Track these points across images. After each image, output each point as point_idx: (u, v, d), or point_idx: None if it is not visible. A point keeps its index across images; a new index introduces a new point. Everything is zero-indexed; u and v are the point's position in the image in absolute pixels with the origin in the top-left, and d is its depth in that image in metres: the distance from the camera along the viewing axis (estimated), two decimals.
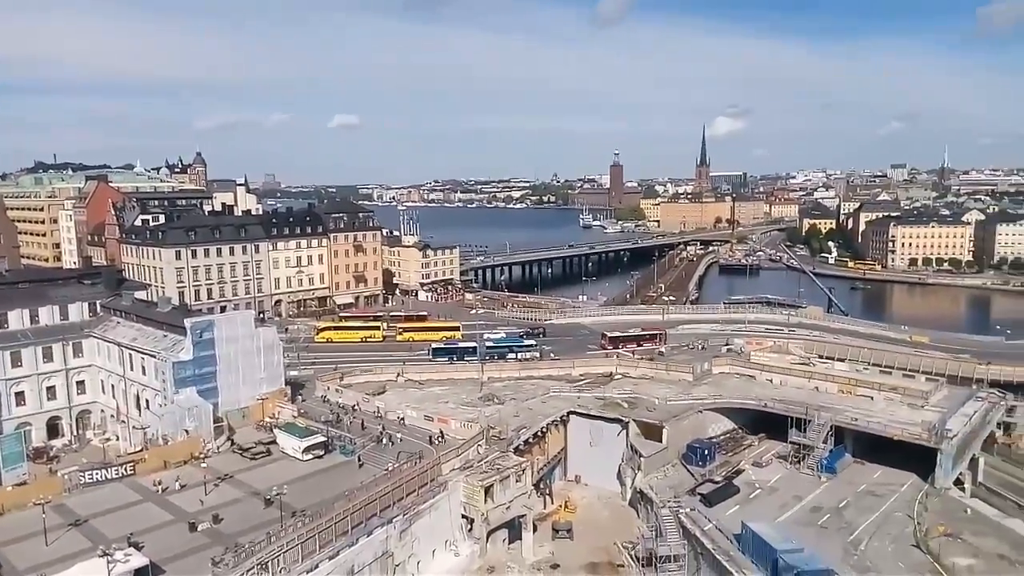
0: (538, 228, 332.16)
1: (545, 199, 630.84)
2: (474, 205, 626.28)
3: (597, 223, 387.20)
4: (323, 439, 55.18)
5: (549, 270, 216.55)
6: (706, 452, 59.33)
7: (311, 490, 47.22)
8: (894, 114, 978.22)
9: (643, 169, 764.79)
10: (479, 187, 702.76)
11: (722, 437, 64.49)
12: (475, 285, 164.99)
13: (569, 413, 65.49)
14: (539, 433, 61.25)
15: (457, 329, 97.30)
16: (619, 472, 61.78)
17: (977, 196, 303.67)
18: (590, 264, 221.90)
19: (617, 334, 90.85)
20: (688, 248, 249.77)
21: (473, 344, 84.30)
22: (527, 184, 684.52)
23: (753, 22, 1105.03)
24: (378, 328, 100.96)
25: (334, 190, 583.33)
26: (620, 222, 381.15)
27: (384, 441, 56.90)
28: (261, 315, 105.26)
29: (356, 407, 64.96)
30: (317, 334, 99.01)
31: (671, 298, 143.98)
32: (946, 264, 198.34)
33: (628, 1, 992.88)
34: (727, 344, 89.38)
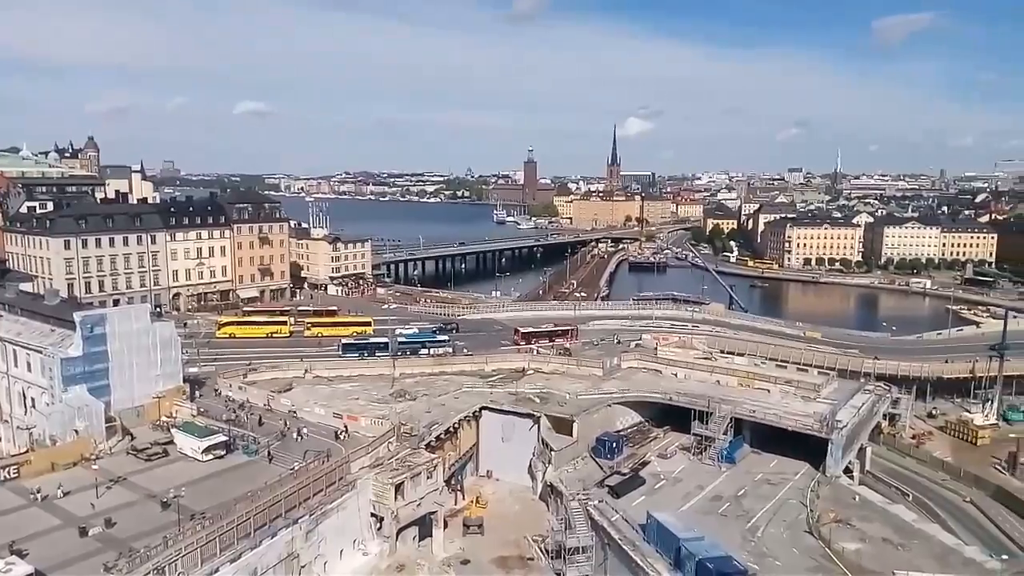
0: (452, 223, 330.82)
1: (459, 194, 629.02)
2: (386, 198, 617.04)
3: (511, 219, 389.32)
4: (224, 439, 53.02)
5: (463, 265, 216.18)
6: (614, 445, 60.58)
7: (212, 492, 45.28)
8: (792, 120, 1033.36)
9: (556, 166, 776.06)
10: (392, 180, 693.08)
11: (630, 430, 66.05)
12: (387, 280, 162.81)
13: (481, 409, 65.53)
14: (451, 429, 61.02)
15: (368, 324, 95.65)
16: (530, 466, 62.34)
17: (866, 200, 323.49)
18: (503, 260, 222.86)
19: (530, 330, 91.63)
20: (599, 245, 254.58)
21: (385, 339, 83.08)
22: (441, 178, 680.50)
23: (664, 27, 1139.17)
24: (285, 323, 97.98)
25: (238, 179, 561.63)
26: (533, 218, 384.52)
27: (295, 436, 55.42)
28: (158, 309, 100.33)
29: (250, 404, 62.76)
30: (219, 329, 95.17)
31: (583, 294, 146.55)
32: (837, 264, 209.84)
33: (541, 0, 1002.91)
34: (635, 340, 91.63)
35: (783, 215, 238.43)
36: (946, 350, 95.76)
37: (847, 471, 60.75)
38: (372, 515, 48.95)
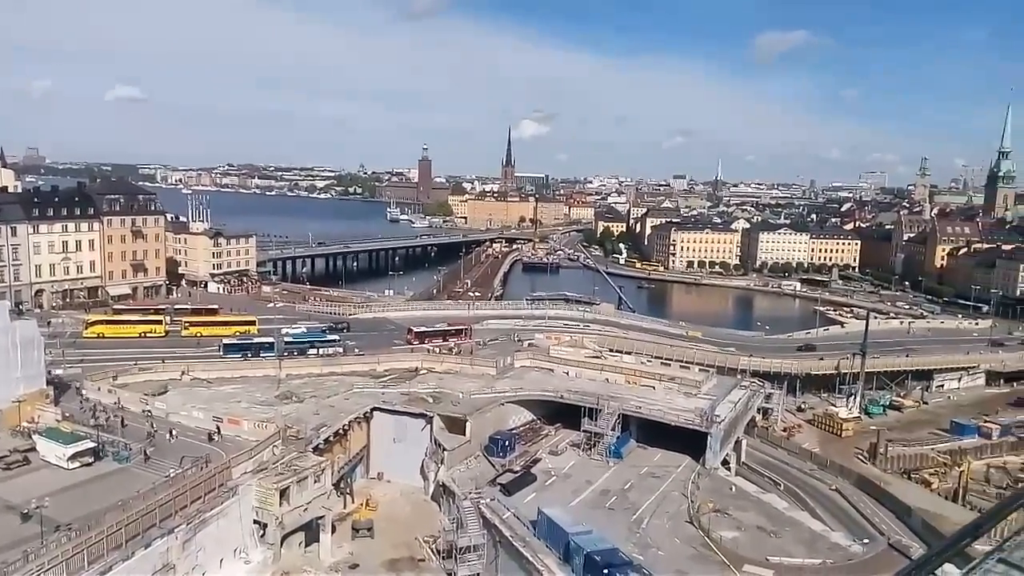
0: (343, 220, 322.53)
1: (351, 190, 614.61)
2: (273, 193, 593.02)
3: (405, 217, 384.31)
4: (92, 445, 49.35)
5: (355, 263, 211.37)
6: (507, 443, 60.93)
7: (79, 501, 42.03)
8: (677, 129, 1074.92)
9: (451, 165, 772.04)
10: (279, 174, 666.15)
11: (522, 428, 66.62)
12: (273, 277, 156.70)
13: (373, 409, 64.22)
14: (341, 431, 59.41)
15: (253, 323, 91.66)
16: (423, 467, 61.67)
17: (744, 207, 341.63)
18: (397, 258, 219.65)
19: (423, 329, 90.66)
20: (494, 245, 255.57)
21: (270, 339, 79.90)
22: (332, 174, 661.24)
23: (559, 33, 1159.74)
24: (160, 322, 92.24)
25: (109, 169, 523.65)
26: (428, 217, 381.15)
27: (167, 438, 52.47)
28: (18, 307, 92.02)
29: (116, 407, 58.82)
30: (86, 328, 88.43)
31: (477, 294, 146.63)
32: (717, 267, 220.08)
33: None
34: (529, 339, 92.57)
35: (668, 219, 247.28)
36: (815, 348, 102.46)
37: (725, 463, 63.81)
38: (255, 522, 46.93)
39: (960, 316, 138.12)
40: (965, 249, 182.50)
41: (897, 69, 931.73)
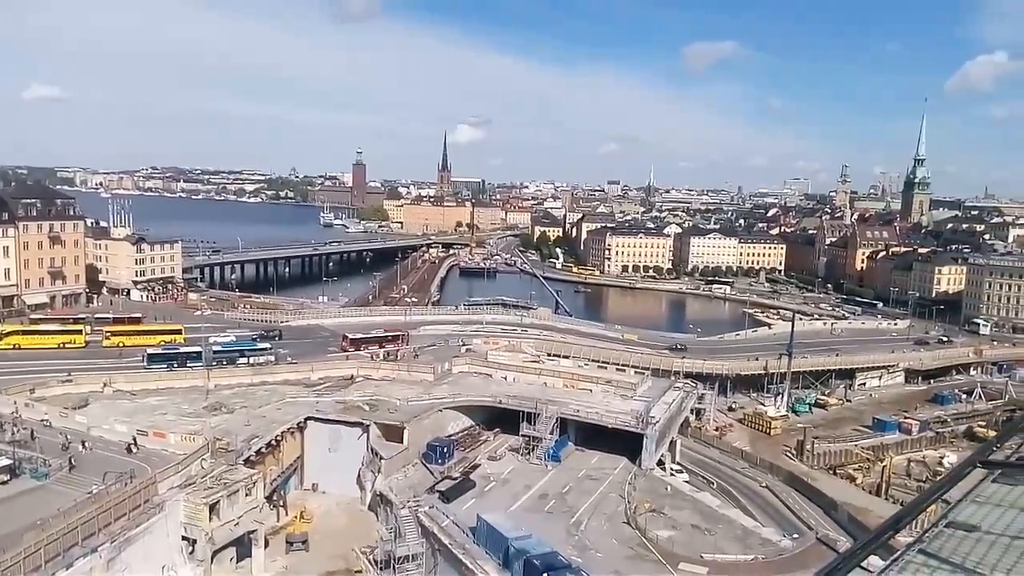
0: (275, 224, 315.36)
1: (282, 194, 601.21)
2: (200, 197, 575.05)
3: (339, 222, 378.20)
4: (8, 462, 46.68)
5: (287, 269, 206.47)
6: (445, 450, 60.51)
7: None
8: (611, 136, 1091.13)
9: (386, 170, 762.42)
10: (206, 177, 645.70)
11: (461, 434, 66.28)
12: (201, 284, 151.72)
13: (307, 419, 62.75)
14: (273, 442, 57.85)
15: (179, 332, 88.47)
16: (359, 476, 60.59)
17: (676, 212, 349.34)
18: (331, 264, 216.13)
19: (359, 335, 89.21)
20: (430, 250, 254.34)
21: (197, 348, 77.17)
22: (262, 177, 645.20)
23: (494, 39, 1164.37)
24: (80, 332, 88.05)
25: (25, 172, 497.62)
26: (363, 222, 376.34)
27: (81, 450, 50.31)
28: None
29: (27, 421, 55.93)
30: (1, 340, 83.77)
31: (414, 299, 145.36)
32: (651, 271, 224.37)
33: (374, 0, 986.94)
34: (467, 344, 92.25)
35: (604, 224, 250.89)
36: (744, 349, 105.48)
37: (660, 463, 64.93)
38: (184, 538, 45.17)
39: (879, 317, 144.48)
40: (884, 253, 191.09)
41: (820, 80, 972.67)
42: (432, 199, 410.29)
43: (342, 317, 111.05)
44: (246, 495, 47.89)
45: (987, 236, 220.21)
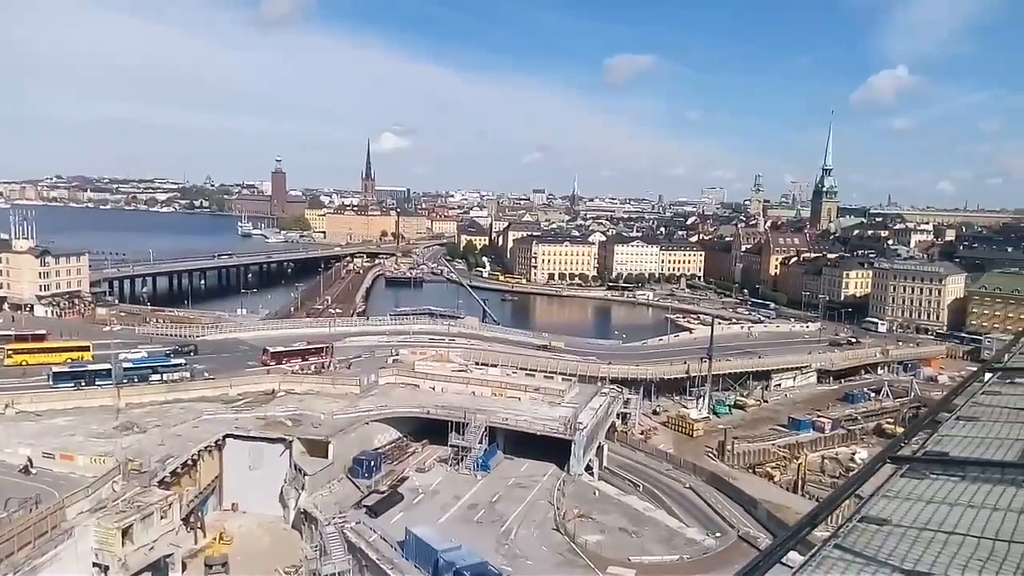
0: (189, 235, 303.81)
1: (197, 204, 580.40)
2: (108, 207, 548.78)
3: (258, 232, 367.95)
4: None
5: (202, 281, 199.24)
6: (372, 463, 59.44)
7: None
8: (536, 145, 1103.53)
9: (307, 178, 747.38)
10: (116, 187, 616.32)
11: (388, 447, 65.26)
12: (110, 298, 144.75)
13: (225, 437, 60.41)
14: (189, 462, 55.49)
15: (87, 349, 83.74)
16: (282, 494, 58.76)
17: (600, 220, 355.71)
18: (250, 275, 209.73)
19: (280, 349, 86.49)
20: (355, 260, 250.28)
21: (107, 366, 73.29)
22: (175, 186, 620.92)
23: (420, 46, 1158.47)
24: None
25: None
26: (283, 232, 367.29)
27: None
28: None
29: None
30: None
31: (338, 310, 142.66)
32: (576, 279, 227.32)
33: (296, 6, 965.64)
34: (393, 355, 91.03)
35: (530, 233, 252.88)
36: (667, 354, 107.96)
37: (588, 468, 65.62)
38: (95, 565, 42.78)
39: (792, 320, 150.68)
40: (795, 258, 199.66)
41: (735, 93, 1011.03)
42: (356, 208, 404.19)
43: (262, 330, 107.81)
44: (161, 518, 45.84)
45: (891, 242, 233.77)
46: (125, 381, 70.76)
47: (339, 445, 59.67)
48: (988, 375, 9.07)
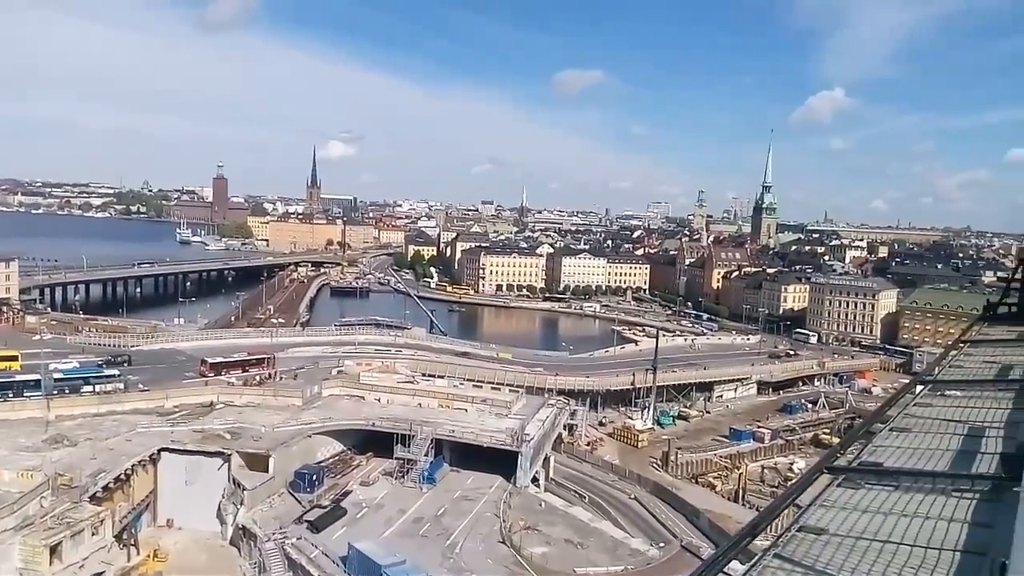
0: (125, 241, 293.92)
1: (134, 209, 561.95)
2: (40, 211, 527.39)
3: (197, 239, 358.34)
4: None
5: (138, 289, 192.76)
6: (314, 477, 58.32)
7: None
8: (485, 156, 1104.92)
9: (250, 185, 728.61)
10: (48, 191, 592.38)
11: (331, 460, 64.15)
12: (40, 306, 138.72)
13: (160, 450, 58.43)
14: (122, 476, 53.44)
15: (15, 359, 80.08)
16: (219, 510, 57.04)
17: (548, 232, 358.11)
18: (188, 283, 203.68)
19: (219, 359, 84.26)
20: (299, 269, 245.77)
21: (36, 376, 70.19)
22: (111, 191, 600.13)
23: (368, 54, 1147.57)
24: None
25: None
26: (224, 239, 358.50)
27: None
28: None
29: None
30: None
31: (281, 320, 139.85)
32: (524, 290, 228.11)
33: (242, 11, 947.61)
34: (338, 366, 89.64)
35: (478, 244, 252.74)
36: (613, 365, 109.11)
37: (535, 480, 65.66)
38: None
39: (734, 333, 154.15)
40: (736, 273, 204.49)
41: (679, 110, 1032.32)
42: (301, 216, 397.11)
43: (201, 340, 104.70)
44: (92, 534, 44.09)
45: (827, 257, 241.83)
46: (55, 392, 67.94)
47: (280, 459, 58.34)
48: (920, 387, 9.42)
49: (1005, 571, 2.80)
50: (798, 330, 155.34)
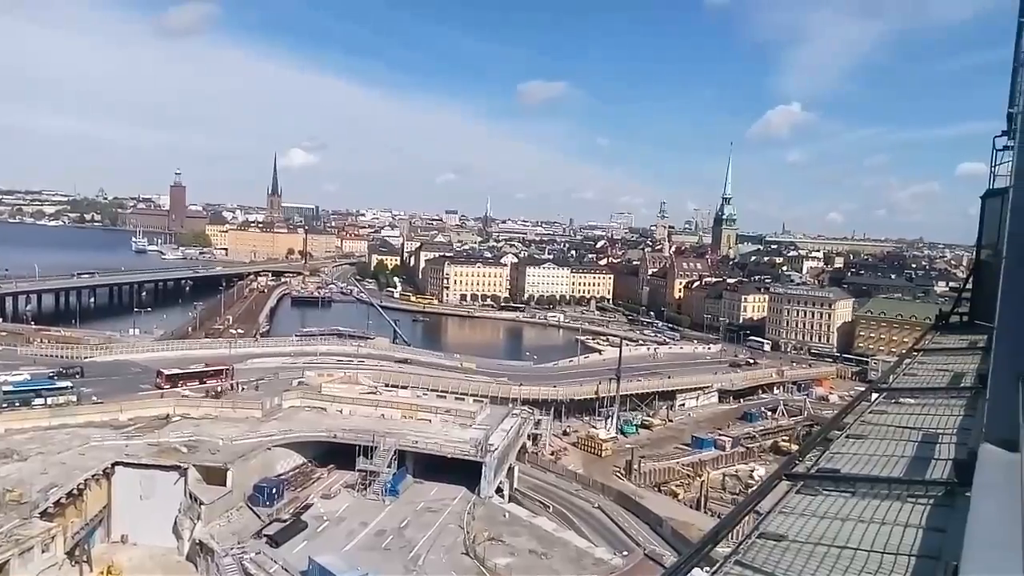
0: (79, 250, 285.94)
1: (89, 217, 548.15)
2: None
3: (154, 248, 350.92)
4: None
5: (92, 299, 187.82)
6: (274, 491, 57.25)
7: None
8: (450, 166, 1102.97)
9: (209, 193, 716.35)
10: None
11: (291, 473, 63.04)
12: None
13: (114, 464, 56.84)
14: (75, 491, 51.76)
15: None
16: (176, 525, 55.67)
17: (512, 242, 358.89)
18: (144, 293, 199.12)
19: (176, 371, 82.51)
20: (259, 279, 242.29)
21: None
22: (65, 198, 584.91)
23: (330, 63, 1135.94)
24: None
25: None
26: (182, 248, 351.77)
27: None
28: None
29: None
30: None
31: (240, 331, 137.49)
32: (489, 300, 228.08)
33: (202, 17, 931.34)
34: (299, 377, 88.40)
35: (442, 253, 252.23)
36: (577, 375, 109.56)
37: (499, 490, 65.41)
38: None
39: (695, 342, 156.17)
40: (698, 283, 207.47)
41: (642, 122, 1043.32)
42: (261, 225, 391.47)
43: (157, 351, 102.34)
44: (43, 552, 42.60)
45: (785, 268, 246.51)
46: (5, 405, 65.78)
47: (239, 472, 57.19)
48: (875, 395, 9.62)
49: (956, 574, 2.86)
50: (752, 338, 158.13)
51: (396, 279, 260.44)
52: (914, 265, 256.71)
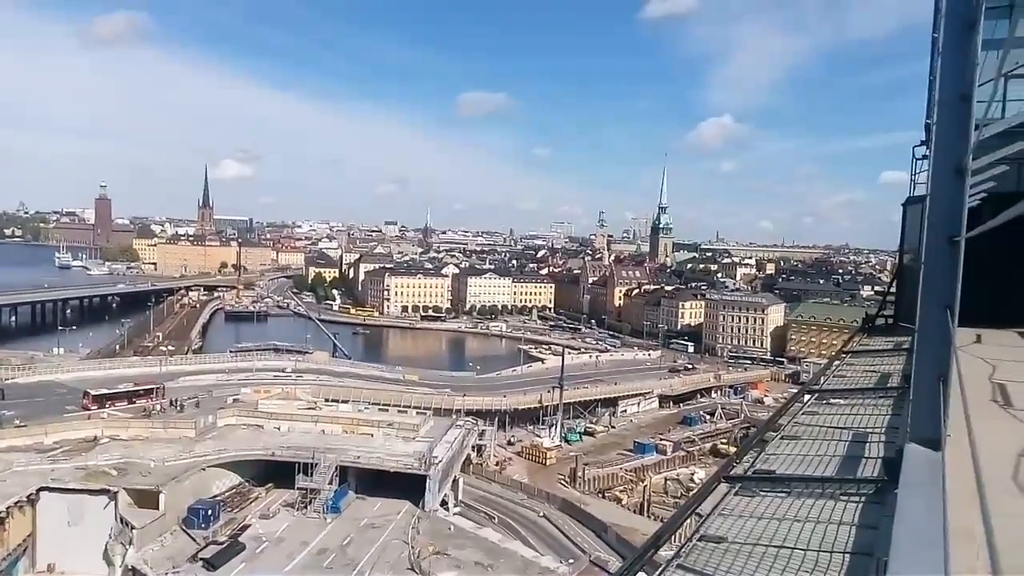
0: None
1: (8, 232, 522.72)
2: None
3: (78, 263, 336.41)
4: None
5: (12, 318, 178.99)
6: (209, 512, 55.46)
7: None
8: (389, 176, 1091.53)
9: (136, 206, 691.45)
10: None
11: (228, 493, 61.19)
12: None
13: (39, 490, 54.18)
14: None
15: None
16: (106, 551, 53.29)
17: (453, 253, 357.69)
18: (69, 311, 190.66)
19: (103, 391, 79.03)
20: (191, 293, 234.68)
21: None
22: None
23: (263, 73, 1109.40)
24: None
25: None
26: (108, 263, 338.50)
27: None
28: None
29: None
30: None
31: (171, 348, 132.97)
32: (431, 311, 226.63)
33: (130, 26, 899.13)
34: (234, 394, 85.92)
35: (382, 265, 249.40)
36: (520, 384, 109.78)
37: (444, 503, 64.85)
38: None
39: (636, 349, 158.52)
40: (637, 291, 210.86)
41: (579, 132, 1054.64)
42: (192, 238, 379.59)
43: (83, 371, 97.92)
44: None
45: (719, 275, 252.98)
46: None
47: (172, 494, 55.22)
48: (807, 396, 9.92)
49: (886, 570, 2.97)
50: (676, 340, 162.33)
51: (335, 291, 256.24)
52: (841, 271, 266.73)
